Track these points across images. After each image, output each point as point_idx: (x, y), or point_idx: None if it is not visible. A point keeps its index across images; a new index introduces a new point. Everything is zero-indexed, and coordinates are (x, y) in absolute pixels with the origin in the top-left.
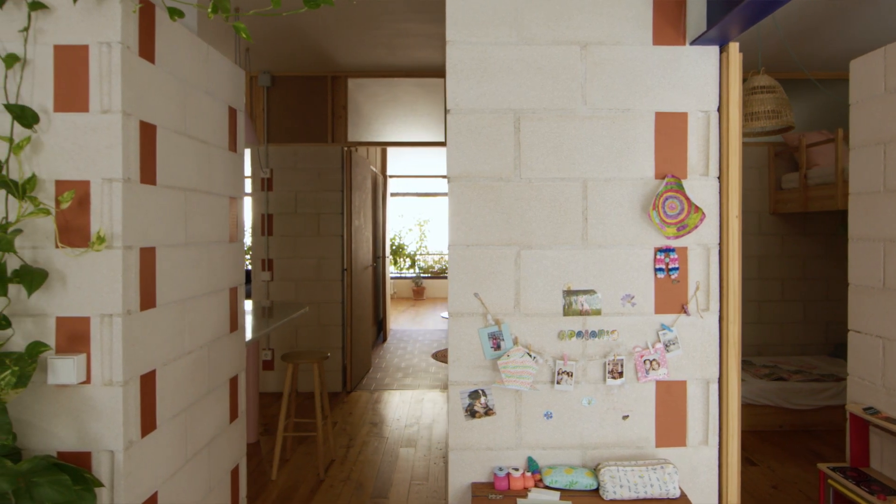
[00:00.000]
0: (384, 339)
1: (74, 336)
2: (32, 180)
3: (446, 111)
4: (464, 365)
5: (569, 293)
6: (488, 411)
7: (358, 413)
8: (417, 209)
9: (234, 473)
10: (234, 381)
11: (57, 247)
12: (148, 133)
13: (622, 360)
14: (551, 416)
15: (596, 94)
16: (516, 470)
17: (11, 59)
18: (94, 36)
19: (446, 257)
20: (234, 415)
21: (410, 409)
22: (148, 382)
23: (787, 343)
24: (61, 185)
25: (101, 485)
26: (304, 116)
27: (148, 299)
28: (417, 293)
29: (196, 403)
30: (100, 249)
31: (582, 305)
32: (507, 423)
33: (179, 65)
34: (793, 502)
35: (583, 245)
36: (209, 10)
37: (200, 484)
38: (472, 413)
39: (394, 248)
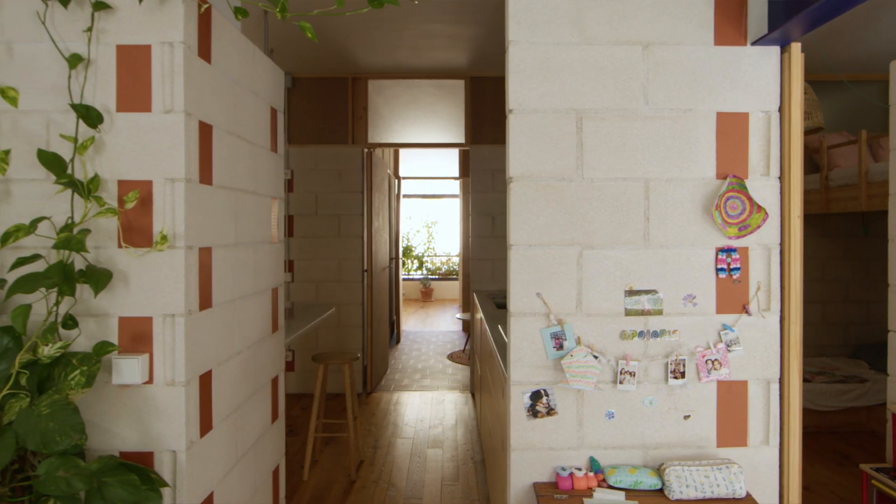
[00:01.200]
0: (398, 341)
1: (137, 336)
2: (95, 180)
3: (508, 111)
4: (525, 365)
5: (630, 293)
6: (550, 411)
7: (380, 414)
8: (425, 210)
9: (275, 474)
10: (275, 382)
11: (120, 247)
12: (205, 133)
13: (684, 360)
14: (613, 416)
15: (658, 94)
16: (579, 470)
17: (76, 60)
18: (156, 36)
19: (454, 259)
20: (274, 415)
21: (432, 410)
22: (205, 382)
23: (807, 344)
24: (124, 185)
25: (166, 485)
26: (325, 118)
27: (205, 299)
28: (426, 294)
29: (244, 404)
30: (162, 249)
31: (644, 305)
32: (568, 423)
33: (231, 65)
34: None
35: (644, 245)
36: (277, 10)
37: (248, 484)
38: (534, 413)
39: (402, 249)
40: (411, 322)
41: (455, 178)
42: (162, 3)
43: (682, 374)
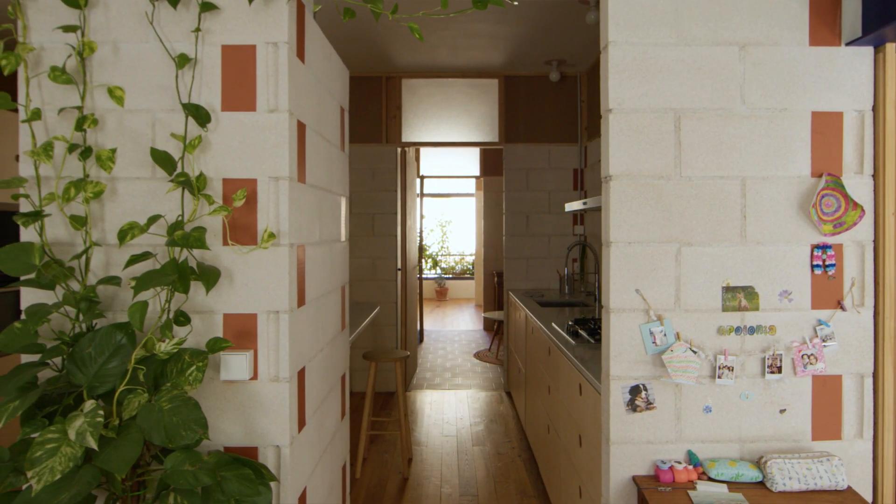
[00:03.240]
0: (421, 339)
1: (241, 333)
2: (202, 178)
3: (607, 111)
4: (625, 360)
5: (727, 289)
6: (649, 406)
7: (418, 412)
8: (439, 209)
9: (343, 470)
10: (343, 379)
11: (226, 244)
12: (301, 132)
13: (781, 354)
14: (710, 411)
15: (754, 93)
16: (679, 463)
17: (183, 60)
18: (261, 36)
19: (467, 258)
20: (343, 412)
21: (469, 408)
22: (301, 379)
23: None
24: (228, 184)
25: (275, 479)
26: (358, 117)
27: (301, 296)
28: (440, 294)
29: (324, 401)
30: (267, 247)
31: (740, 301)
32: (666, 417)
33: (317, 65)
34: None
35: (741, 242)
36: (391, 12)
37: (327, 480)
38: (633, 408)
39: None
40: (428, 321)
41: (477, 177)
42: (267, 3)
43: (779, 369)
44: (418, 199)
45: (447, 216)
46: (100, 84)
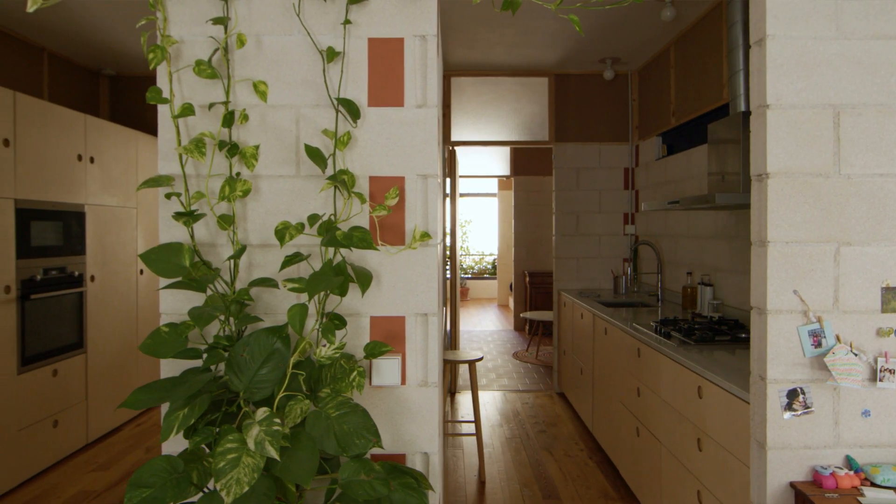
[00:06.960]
0: None
1: (389, 336)
2: (350, 176)
3: (764, 106)
4: (782, 363)
5: (887, 290)
6: (807, 410)
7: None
8: (458, 209)
9: (442, 473)
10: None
11: (377, 244)
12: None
13: None
14: (869, 415)
15: None
16: (840, 469)
17: (332, 54)
18: (409, 29)
19: (487, 258)
20: (441, 416)
21: (524, 409)
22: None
23: None
24: (375, 182)
25: (431, 487)
26: None
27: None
28: (462, 294)
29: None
30: (416, 247)
31: None
32: (824, 421)
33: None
34: None
35: None
36: (554, 5)
37: (438, 485)
38: (790, 412)
39: None
40: None
41: (507, 177)
42: None
43: None
44: (454, 200)
45: (466, 216)
46: (242, 78)
